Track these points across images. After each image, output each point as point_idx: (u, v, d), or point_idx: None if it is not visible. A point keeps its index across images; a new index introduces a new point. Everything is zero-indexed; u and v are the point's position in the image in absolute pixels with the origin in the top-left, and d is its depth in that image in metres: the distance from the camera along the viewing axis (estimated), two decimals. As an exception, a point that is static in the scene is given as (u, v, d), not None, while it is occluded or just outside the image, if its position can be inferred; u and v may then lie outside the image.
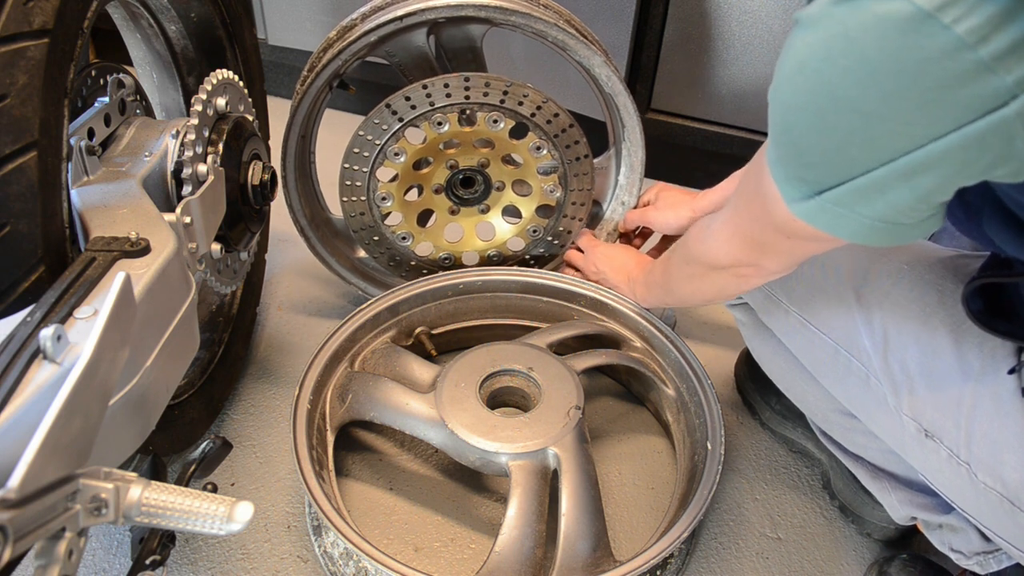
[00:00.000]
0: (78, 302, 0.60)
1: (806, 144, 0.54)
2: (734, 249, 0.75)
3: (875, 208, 0.54)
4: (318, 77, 1.09)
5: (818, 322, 0.83)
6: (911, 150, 0.49)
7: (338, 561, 0.91)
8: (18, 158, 0.64)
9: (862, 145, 0.50)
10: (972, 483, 0.70)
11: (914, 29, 0.44)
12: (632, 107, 1.16)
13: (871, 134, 0.49)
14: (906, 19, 0.44)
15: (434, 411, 0.96)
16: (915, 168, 0.49)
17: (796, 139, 0.54)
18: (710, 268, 0.82)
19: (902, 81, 0.46)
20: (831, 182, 0.54)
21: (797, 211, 0.58)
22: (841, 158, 0.52)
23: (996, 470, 0.68)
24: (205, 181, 0.86)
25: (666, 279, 0.97)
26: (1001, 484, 0.68)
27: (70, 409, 0.49)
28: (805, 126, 0.53)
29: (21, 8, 0.64)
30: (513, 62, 1.67)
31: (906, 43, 0.44)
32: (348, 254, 1.30)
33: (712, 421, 0.97)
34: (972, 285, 0.67)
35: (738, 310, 0.99)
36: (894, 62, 0.45)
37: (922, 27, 0.43)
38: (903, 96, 0.46)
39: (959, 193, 0.52)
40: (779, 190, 0.59)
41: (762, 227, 0.67)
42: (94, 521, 0.49)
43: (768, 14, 1.48)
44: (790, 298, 0.86)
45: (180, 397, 0.99)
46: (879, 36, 0.45)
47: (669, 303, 1.04)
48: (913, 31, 0.44)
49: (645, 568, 0.81)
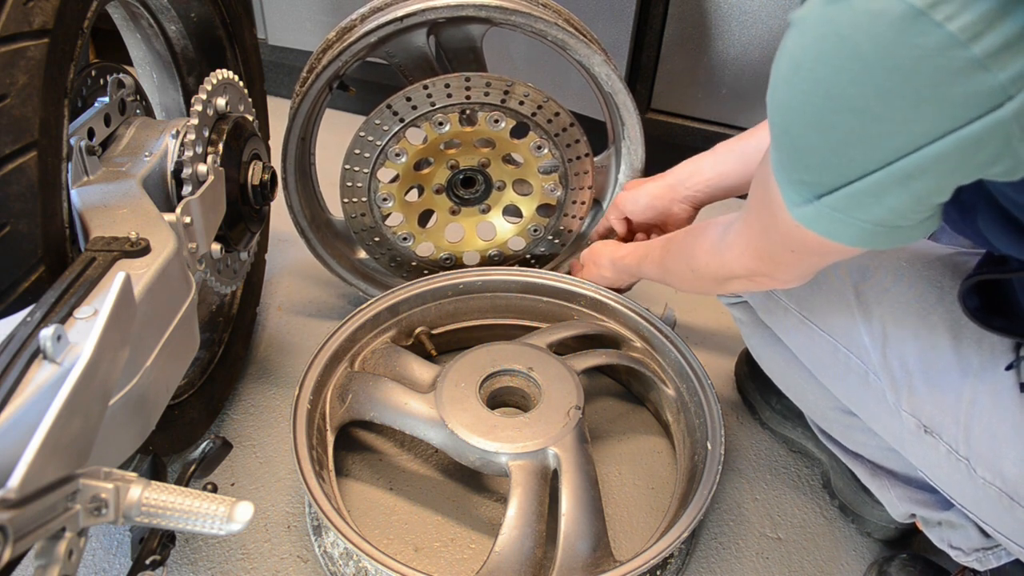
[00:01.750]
0: (78, 302, 0.60)
1: (805, 145, 0.54)
2: (748, 261, 0.75)
3: (873, 213, 0.54)
4: (318, 78, 1.09)
5: (817, 319, 0.83)
6: (909, 151, 0.48)
7: (338, 561, 0.91)
8: (18, 158, 0.64)
9: (860, 145, 0.50)
10: (971, 478, 0.71)
11: (906, 27, 0.43)
12: (632, 105, 1.16)
13: (868, 133, 0.49)
14: (898, 17, 0.44)
15: (434, 411, 0.96)
16: (912, 172, 0.49)
17: (795, 140, 0.54)
18: (724, 279, 0.82)
19: (896, 79, 0.46)
20: (831, 185, 0.54)
21: (798, 216, 0.58)
22: (839, 159, 0.52)
23: (995, 465, 0.69)
24: (205, 181, 0.86)
25: (663, 275, 0.97)
26: (1000, 479, 0.68)
27: (70, 409, 0.49)
28: (802, 127, 0.53)
29: (21, 8, 0.64)
30: (513, 62, 1.67)
31: (899, 41, 0.44)
32: (348, 255, 1.30)
33: (712, 421, 0.97)
34: (968, 282, 0.67)
35: (737, 308, 0.99)
36: (887, 60, 0.45)
37: (914, 25, 0.43)
38: (898, 94, 0.46)
39: (954, 192, 0.52)
40: (782, 194, 0.59)
41: (771, 239, 0.67)
42: (94, 521, 0.49)
43: (768, 14, 1.48)
44: (789, 296, 0.86)
45: (180, 397, 0.99)
46: (872, 34, 0.45)
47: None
48: (905, 29, 0.44)
49: (645, 568, 0.81)
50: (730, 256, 0.78)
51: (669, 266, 0.94)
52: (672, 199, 1.08)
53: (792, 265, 0.70)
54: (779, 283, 0.75)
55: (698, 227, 0.89)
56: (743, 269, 0.77)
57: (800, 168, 0.56)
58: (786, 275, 0.73)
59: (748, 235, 0.73)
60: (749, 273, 0.77)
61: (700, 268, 0.85)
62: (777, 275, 0.73)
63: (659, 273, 0.98)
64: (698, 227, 0.89)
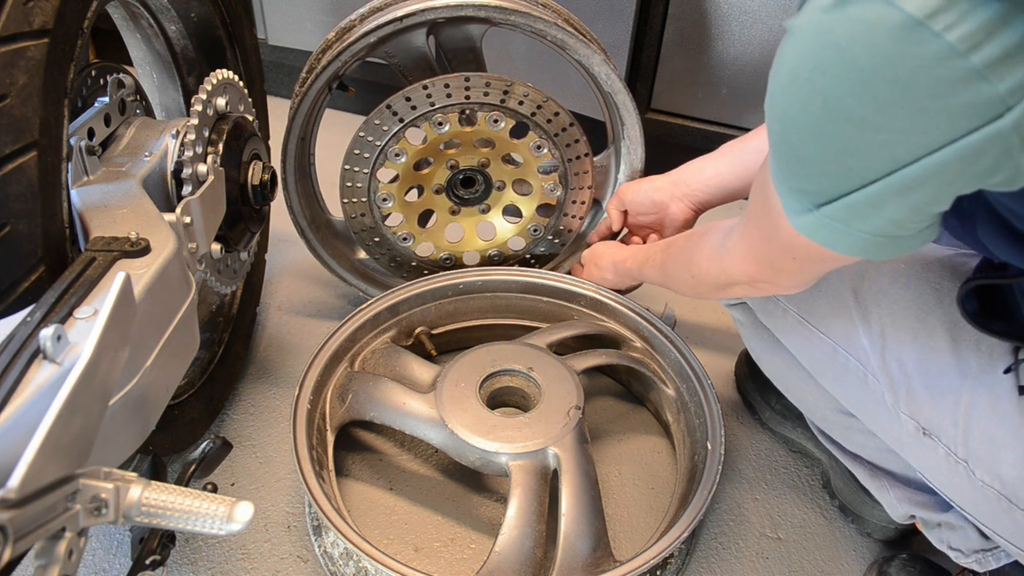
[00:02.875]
0: (78, 302, 0.60)
1: (804, 155, 0.53)
2: (749, 267, 0.75)
3: (873, 223, 0.54)
4: (317, 79, 1.09)
5: (816, 321, 0.83)
6: (908, 162, 0.48)
7: (338, 561, 0.91)
8: (18, 158, 0.64)
9: (858, 155, 0.50)
10: (970, 480, 0.71)
11: (905, 37, 0.43)
12: (631, 105, 1.16)
13: (867, 144, 0.49)
14: (897, 26, 0.43)
15: (434, 411, 0.96)
16: (911, 183, 0.49)
17: (793, 150, 0.54)
18: (725, 285, 0.82)
19: (894, 89, 0.45)
20: (830, 195, 0.54)
21: (798, 225, 0.58)
22: (838, 169, 0.52)
23: (994, 468, 0.69)
24: (205, 181, 0.86)
25: (665, 279, 0.97)
26: (999, 481, 0.68)
27: (70, 409, 0.49)
28: (801, 136, 0.53)
29: (21, 8, 0.64)
30: (513, 62, 1.67)
31: (897, 51, 0.44)
32: (348, 255, 1.30)
33: (712, 421, 0.97)
34: (967, 287, 0.67)
35: (736, 309, 0.99)
36: (886, 70, 0.45)
37: (913, 35, 0.43)
38: (896, 104, 0.46)
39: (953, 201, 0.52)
40: (782, 203, 0.59)
41: (771, 246, 0.67)
42: (94, 521, 0.49)
43: (768, 14, 1.48)
44: (788, 298, 0.86)
45: (180, 397, 0.99)
46: (870, 44, 0.45)
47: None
48: (904, 39, 0.43)
49: (645, 568, 0.81)
50: (730, 262, 0.78)
51: (670, 271, 0.94)
52: (672, 194, 1.08)
53: (794, 272, 0.69)
54: (781, 289, 0.75)
55: (698, 232, 0.89)
56: (744, 275, 0.76)
57: (799, 177, 0.56)
58: (788, 281, 0.72)
59: (749, 241, 0.73)
60: (750, 279, 0.76)
61: (701, 273, 0.85)
62: (779, 281, 0.73)
63: (660, 277, 0.98)
64: (698, 232, 0.89)
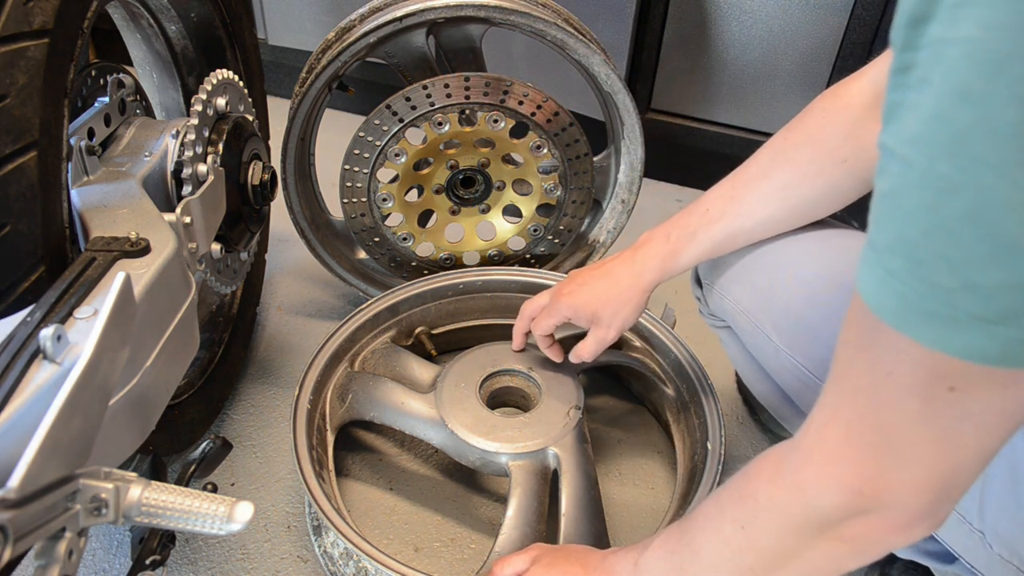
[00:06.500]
0: (78, 302, 0.60)
1: (965, 253, 0.35)
2: (849, 470, 0.48)
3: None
4: (317, 79, 1.09)
5: (804, 360, 0.78)
6: None
7: (338, 561, 0.91)
8: (18, 158, 0.64)
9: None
10: (985, 549, 0.65)
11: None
12: (631, 105, 1.16)
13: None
14: None
15: (434, 411, 0.96)
16: None
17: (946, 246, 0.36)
18: (805, 529, 0.53)
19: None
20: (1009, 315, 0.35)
21: (959, 345, 0.37)
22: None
23: (1012, 544, 0.62)
24: (205, 181, 0.86)
25: (682, 567, 0.64)
26: (1018, 558, 0.63)
27: (70, 409, 0.49)
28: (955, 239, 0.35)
29: (21, 8, 0.64)
30: (513, 62, 1.67)
31: None
32: (348, 255, 1.30)
33: (712, 421, 0.97)
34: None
35: (723, 332, 0.94)
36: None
37: None
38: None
39: None
40: (911, 336, 0.39)
41: (884, 401, 0.44)
42: (94, 521, 0.49)
43: (768, 14, 1.48)
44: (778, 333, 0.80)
45: (180, 397, 0.99)
46: None
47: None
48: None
49: (645, 568, 0.81)
50: (813, 473, 0.50)
51: (696, 542, 0.63)
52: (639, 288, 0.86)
53: (926, 443, 0.44)
54: (892, 524, 0.48)
55: (736, 477, 0.64)
56: (840, 489, 0.49)
57: (954, 288, 0.36)
58: (910, 476, 0.46)
59: (846, 416, 0.48)
60: (846, 504, 0.49)
61: (760, 514, 0.57)
62: (895, 492, 0.47)
63: (673, 568, 0.65)
64: (736, 477, 0.64)
